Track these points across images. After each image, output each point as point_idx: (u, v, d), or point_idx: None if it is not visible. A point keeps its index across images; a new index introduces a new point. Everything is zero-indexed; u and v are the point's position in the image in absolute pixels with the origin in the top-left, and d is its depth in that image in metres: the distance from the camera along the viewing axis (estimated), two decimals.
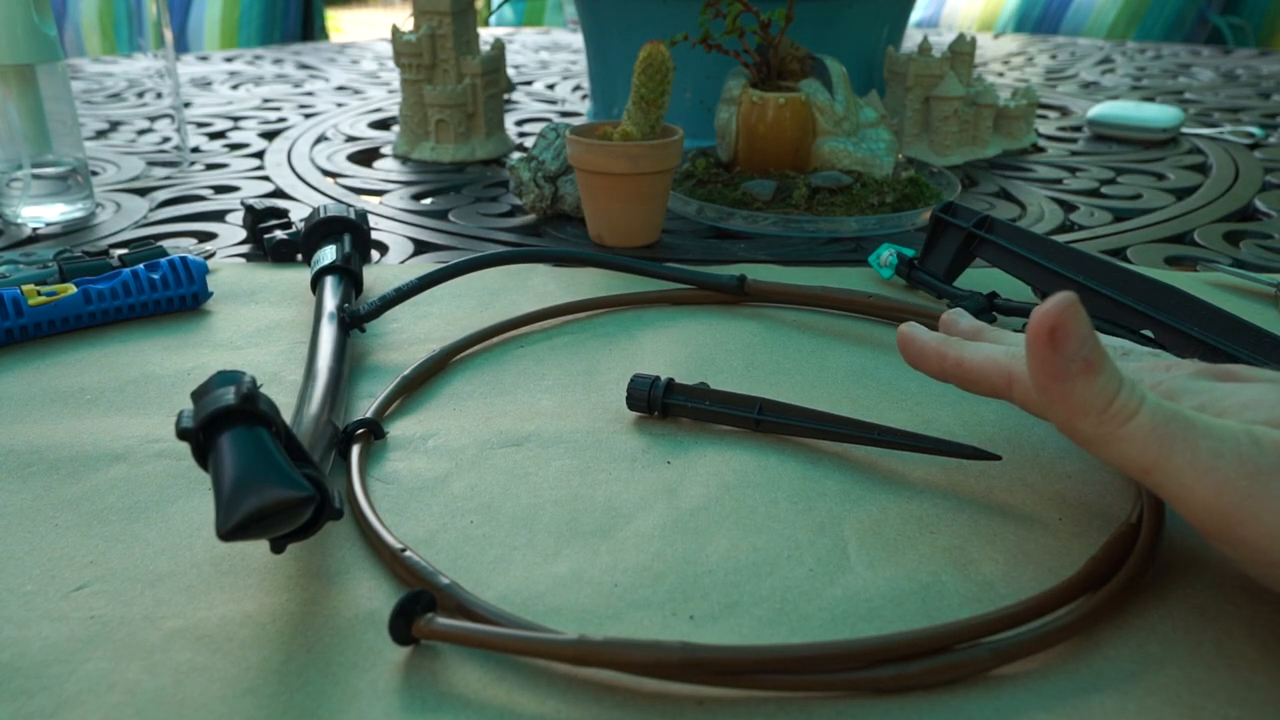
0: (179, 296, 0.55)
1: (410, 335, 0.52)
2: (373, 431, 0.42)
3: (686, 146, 0.77)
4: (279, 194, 0.80)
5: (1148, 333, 0.45)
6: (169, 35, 0.84)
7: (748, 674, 0.28)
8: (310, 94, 1.22)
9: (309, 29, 2.12)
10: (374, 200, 0.78)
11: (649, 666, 0.28)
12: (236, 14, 2.04)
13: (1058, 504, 0.37)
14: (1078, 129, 1.02)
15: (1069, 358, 0.28)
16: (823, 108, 0.72)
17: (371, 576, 0.33)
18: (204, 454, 0.30)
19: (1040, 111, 1.10)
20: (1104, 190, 0.80)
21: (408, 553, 0.33)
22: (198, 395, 0.30)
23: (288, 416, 0.42)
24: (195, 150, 0.93)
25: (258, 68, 1.42)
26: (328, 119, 1.07)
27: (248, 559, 0.34)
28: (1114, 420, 0.28)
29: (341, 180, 0.83)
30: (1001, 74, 1.37)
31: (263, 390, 0.36)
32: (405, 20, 0.88)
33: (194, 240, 0.68)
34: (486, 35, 1.46)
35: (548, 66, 1.45)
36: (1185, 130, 0.99)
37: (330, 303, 0.50)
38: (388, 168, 0.88)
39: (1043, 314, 0.27)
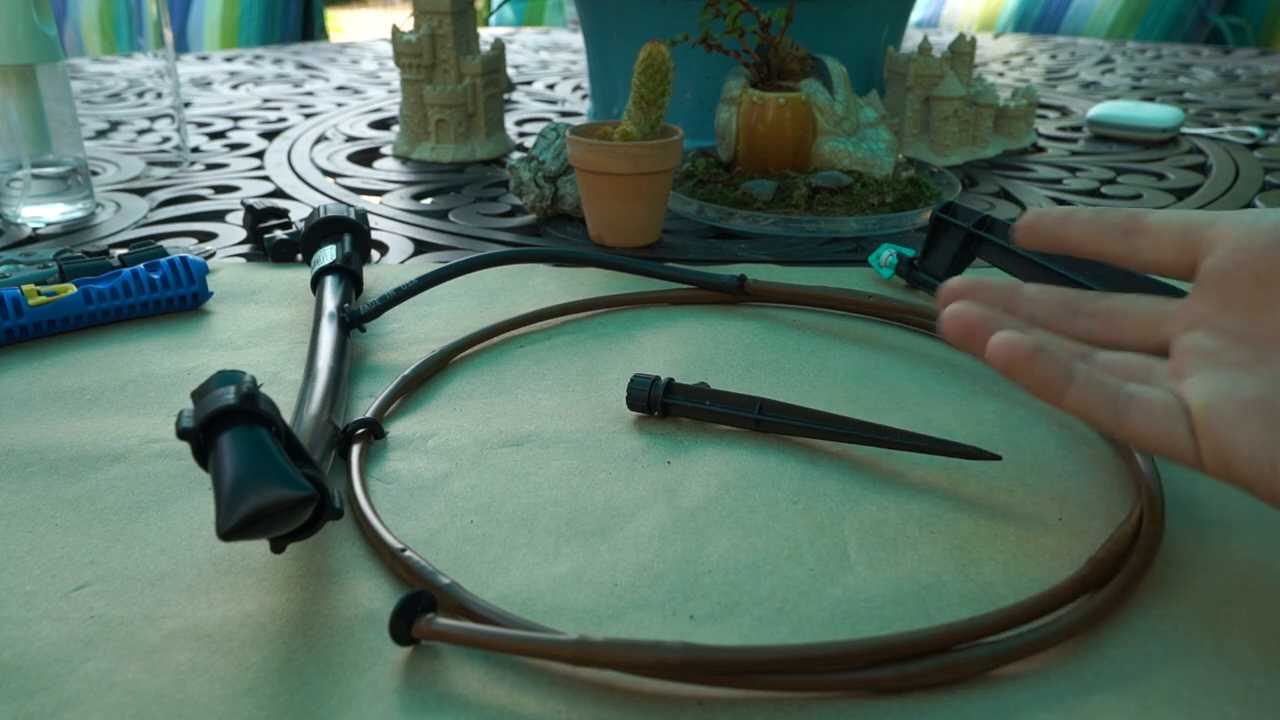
0: (179, 296, 0.55)
1: (410, 335, 0.52)
2: (373, 431, 0.42)
3: (686, 146, 0.77)
4: (279, 194, 0.80)
5: None
6: (169, 35, 0.84)
7: (748, 674, 0.28)
8: (310, 94, 1.22)
9: (309, 29, 2.12)
10: (374, 200, 0.78)
11: (649, 667, 0.28)
12: (236, 14, 2.04)
13: (1058, 504, 0.37)
14: (1078, 129, 1.02)
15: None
16: (823, 108, 0.72)
17: (371, 576, 0.33)
18: (204, 454, 0.30)
19: (1040, 111, 1.10)
20: (1104, 190, 0.80)
21: (408, 553, 0.33)
22: (198, 395, 0.30)
23: (288, 416, 0.42)
24: (195, 150, 0.93)
25: (258, 68, 1.42)
26: (328, 119, 1.07)
27: (248, 559, 0.34)
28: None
29: (341, 180, 0.83)
30: (1001, 74, 1.37)
31: (263, 390, 0.36)
32: (405, 20, 0.88)
33: (194, 240, 0.68)
34: (486, 35, 1.46)
35: (548, 66, 1.45)
36: (1185, 130, 0.99)
37: (330, 303, 0.50)
38: (388, 168, 0.88)
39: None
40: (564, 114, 1.12)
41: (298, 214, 0.73)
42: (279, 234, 0.63)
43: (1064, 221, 0.36)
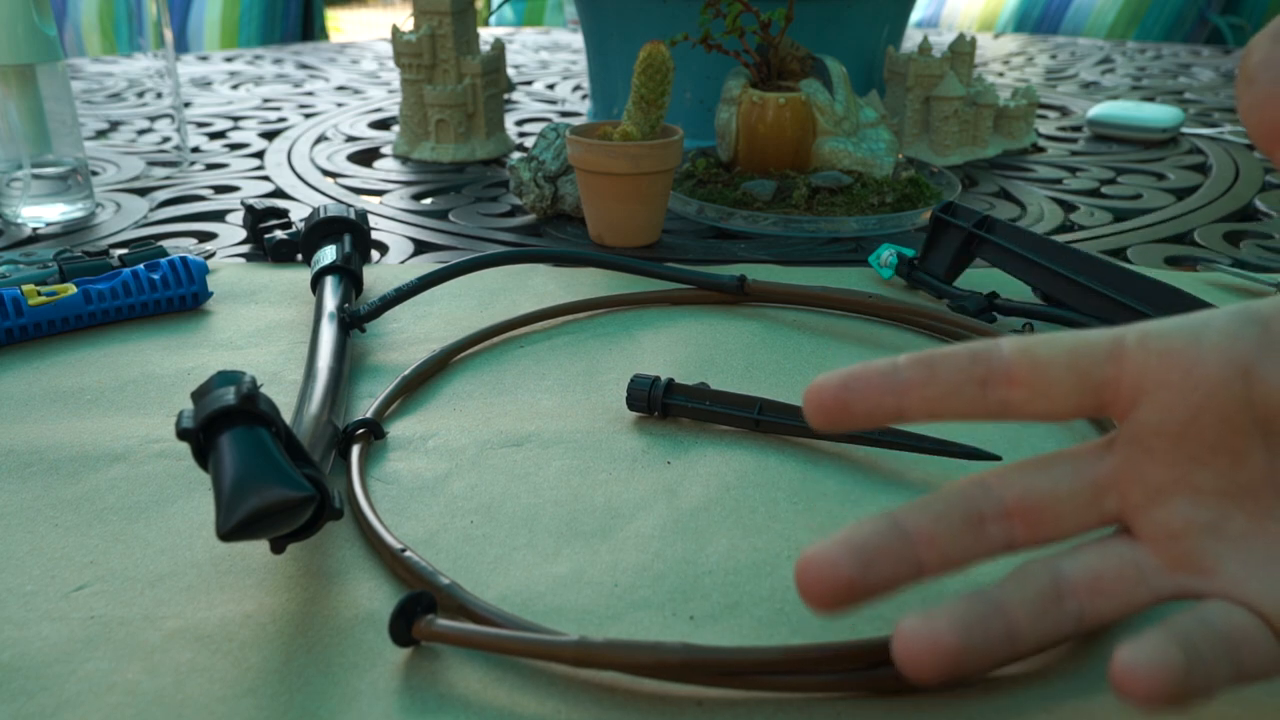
0: (179, 296, 0.55)
1: (410, 335, 0.52)
2: (373, 431, 0.42)
3: (686, 146, 0.77)
4: (279, 194, 0.79)
5: None
6: (169, 35, 0.84)
7: (748, 674, 0.28)
8: (310, 94, 1.22)
9: (309, 29, 2.12)
10: (374, 200, 0.78)
11: (650, 667, 0.28)
12: (236, 14, 2.04)
13: None
14: (1078, 129, 1.02)
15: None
16: (823, 108, 0.72)
17: (371, 576, 0.33)
18: (204, 454, 0.30)
19: (1040, 111, 1.10)
20: (1104, 190, 0.80)
21: (408, 553, 0.33)
22: (198, 395, 0.30)
23: (288, 416, 0.42)
24: (195, 150, 0.93)
25: (258, 68, 1.42)
26: (328, 119, 1.07)
27: (248, 559, 0.34)
28: None
29: (341, 180, 0.83)
30: (1001, 74, 1.37)
31: (263, 390, 0.36)
32: (405, 20, 0.88)
33: (194, 240, 0.68)
34: (486, 35, 1.46)
35: (548, 66, 1.45)
36: (1185, 130, 0.99)
37: (330, 303, 0.50)
38: (388, 168, 0.88)
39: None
40: (564, 114, 1.12)
41: (298, 214, 0.73)
42: (279, 234, 0.63)
43: (886, 386, 0.27)
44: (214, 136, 0.99)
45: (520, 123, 1.07)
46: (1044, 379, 0.26)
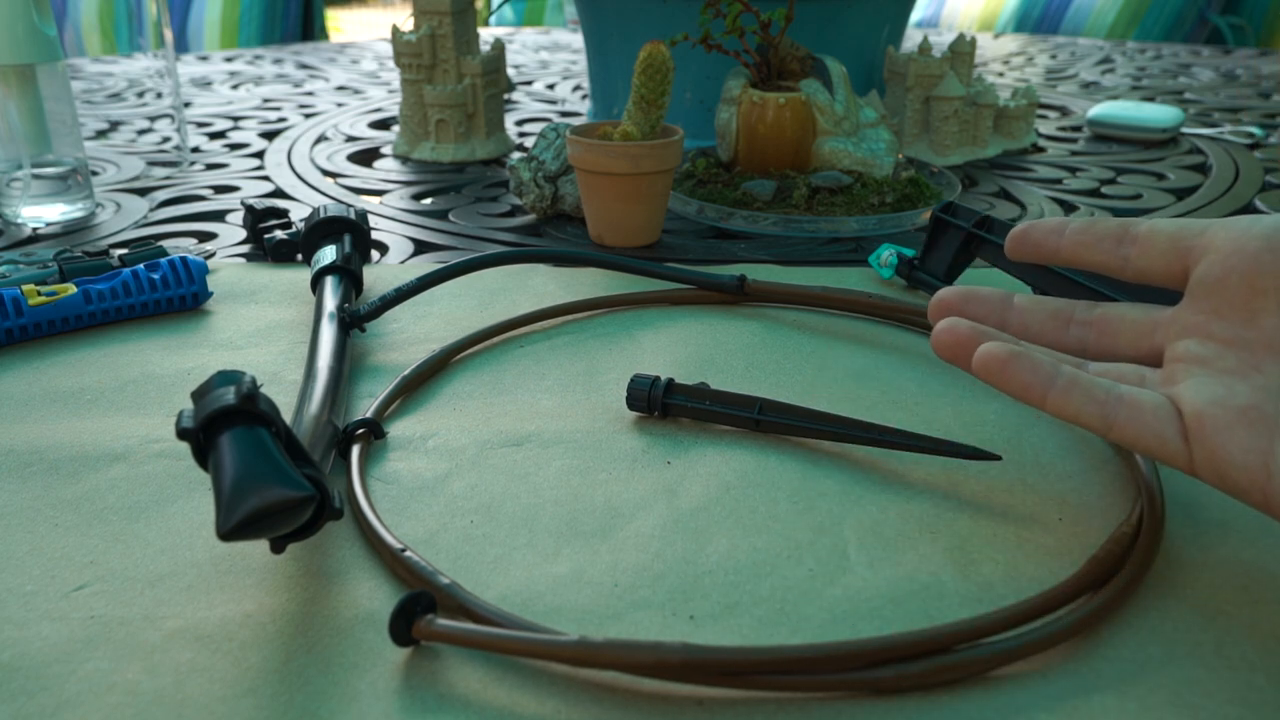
0: (179, 296, 0.55)
1: (410, 335, 0.52)
2: (373, 431, 0.42)
3: (686, 146, 0.77)
4: (279, 194, 0.79)
5: None
6: (169, 35, 0.84)
7: (748, 674, 0.28)
8: (310, 94, 1.22)
9: (309, 29, 2.12)
10: (374, 200, 0.78)
11: (650, 667, 0.28)
12: (236, 14, 2.04)
13: (1058, 504, 0.37)
14: (1078, 129, 1.02)
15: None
16: (823, 108, 0.72)
17: (371, 576, 0.33)
18: (204, 454, 0.30)
19: (1040, 111, 1.10)
20: (1104, 190, 0.80)
21: (408, 553, 0.33)
22: (198, 395, 0.30)
23: (288, 416, 0.42)
24: (195, 150, 0.93)
25: (258, 68, 1.42)
26: (328, 119, 1.07)
27: (248, 559, 0.34)
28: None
29: (341, 180, 0.83)
30: (1001, 74, 1.37)
31: (263, 390, 0.36)
32: (405, 20, 0.88)
33: (194, 240, 0.68)
34: (486, 35, 1.46)
35: (548, 66, 1.45)
36: (1185, 130, 0.99)
37: (330, 303, 0.50)
38: (388, 168, 0.88)
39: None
40: (564, 114, 1.12)
41: (298, 214, 0.73)
42: (279, 234, 0.63)
43: (1055, 232, 0.36)
44: (214, 136, 0.99)
45: (520, 123, 1.07)
46: (1151, 241, 0.34)
